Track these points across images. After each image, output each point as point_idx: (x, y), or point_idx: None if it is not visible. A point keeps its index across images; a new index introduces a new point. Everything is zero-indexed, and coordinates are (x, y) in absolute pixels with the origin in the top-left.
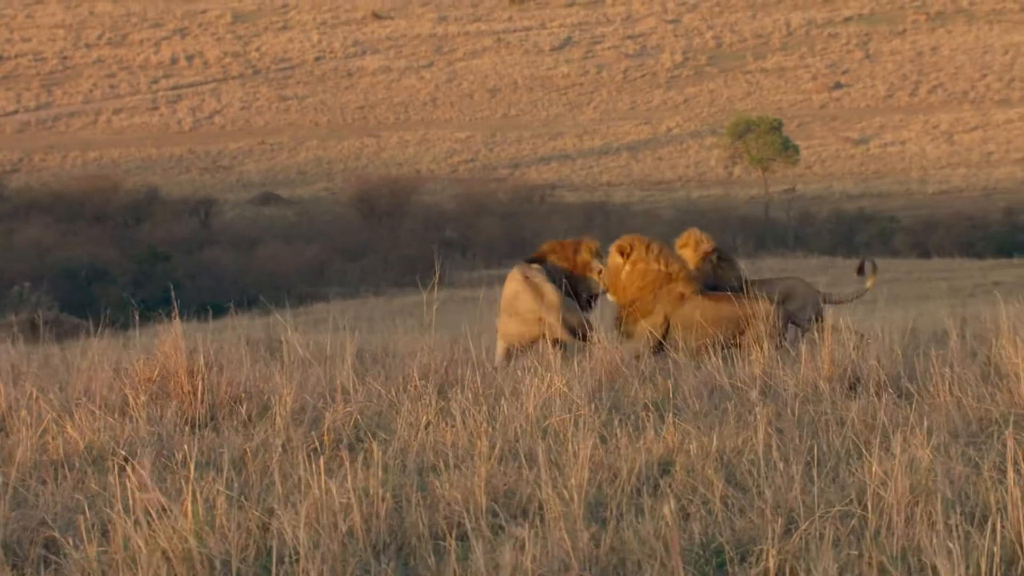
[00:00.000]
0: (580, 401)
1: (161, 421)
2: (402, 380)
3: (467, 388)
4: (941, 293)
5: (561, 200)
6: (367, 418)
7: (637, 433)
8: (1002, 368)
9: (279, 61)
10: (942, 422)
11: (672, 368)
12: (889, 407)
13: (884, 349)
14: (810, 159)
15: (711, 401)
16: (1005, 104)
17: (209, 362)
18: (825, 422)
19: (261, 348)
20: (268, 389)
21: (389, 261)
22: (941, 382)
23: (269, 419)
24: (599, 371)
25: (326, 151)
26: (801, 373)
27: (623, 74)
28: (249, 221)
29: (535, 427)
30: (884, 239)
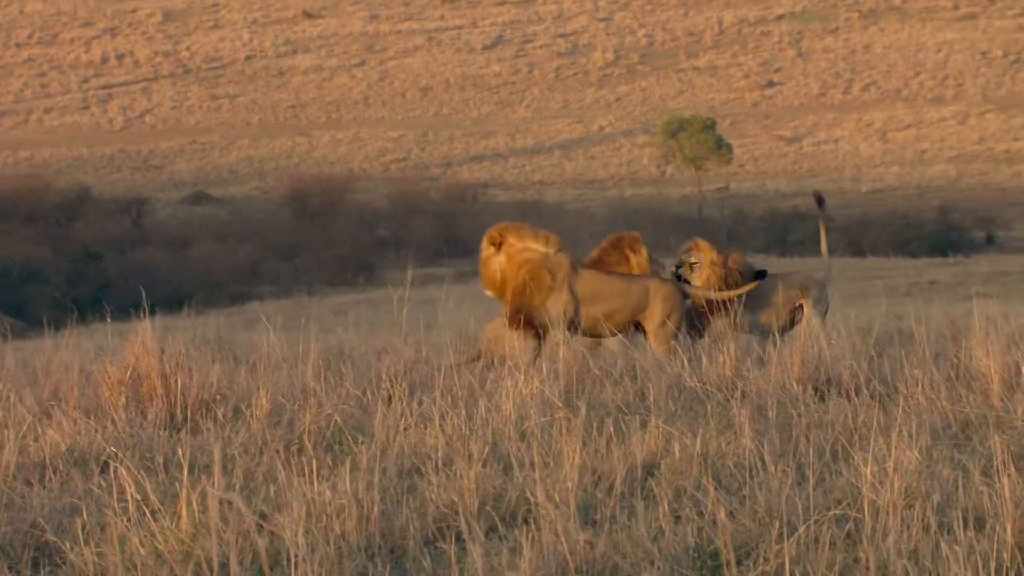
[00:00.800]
0: (557, 403)
1: (141, 424)
2: (374, 381)
3: (439, 389)
4: (877, 292)
5: (494, 199)
6: (342, 420)
7: (619, 435)
8: (972, 370)
9: (210, 60)
10: (923, 424)
11: (638, 369)
12: (865, 409)
13: (850, 350)
14: (743, 157)
15: (684, 403)
16: (938, 102)
17: (181, 364)
18: (805, 424)
19: (214, 349)
20: (241, 391)
21: (322, 260)
22: (913, 384)
23: (244, 421)
24: (569, 373)
25: (258, 150)
26: (772, 375)
27: (555, 72)
28: (181, 220)
29: (514, 429)
30: (817, 238)
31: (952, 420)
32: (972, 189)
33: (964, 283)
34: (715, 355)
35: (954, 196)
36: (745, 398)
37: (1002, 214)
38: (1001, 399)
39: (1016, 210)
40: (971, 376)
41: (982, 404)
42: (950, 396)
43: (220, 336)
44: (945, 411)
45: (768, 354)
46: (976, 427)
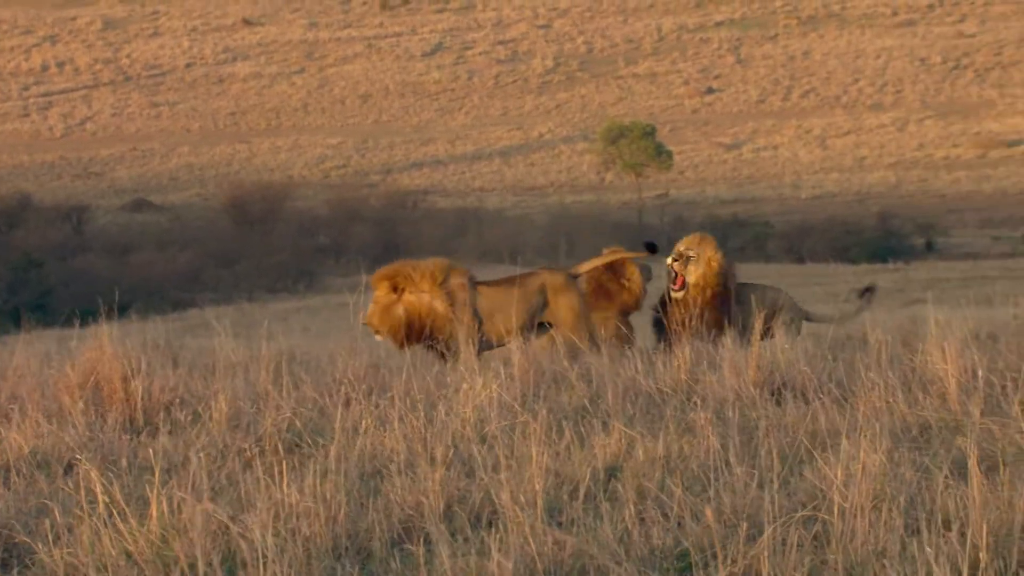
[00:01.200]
0: (517, 406)
1: (102, 428)
2: (333, 384)
3: (396, 393)
4: (817, 298)
5: (434, 206)
6: (301, 423)
7: (579, 438)
8: (928, 374)
9: (150, 68)
10: (883, 428)
11: (592, 373)
12: (824, 412)
13: (803, 354)
14: (683, 164)
15: (642, 406)
16: (877, 108)
17: (139, 369)
18: (765, 427)
19: (164, 354)
20: (198, 395)
21: (262, 267)
22: (870, 388)
23: (204, 425)
24: (524, 376)
25: (198, 157)
26: (727, 379)
27: (494, 80)
28: (122, 227)
29: (474, 432)
30: (758, 244)
31: (911, 424)
32: (911, 195)
33: (904, 289)
34: (668, 359)
35: (893, 202)
36: (703, 401)
37: (941, 220)
38: (958, 403)
39: (955, 216)
40: (927, 380)
41: (940, 408)
42: (907, 400)
43: (169, 341)
44: (903, 415)
45: (721, 358)
46: (936, 431)
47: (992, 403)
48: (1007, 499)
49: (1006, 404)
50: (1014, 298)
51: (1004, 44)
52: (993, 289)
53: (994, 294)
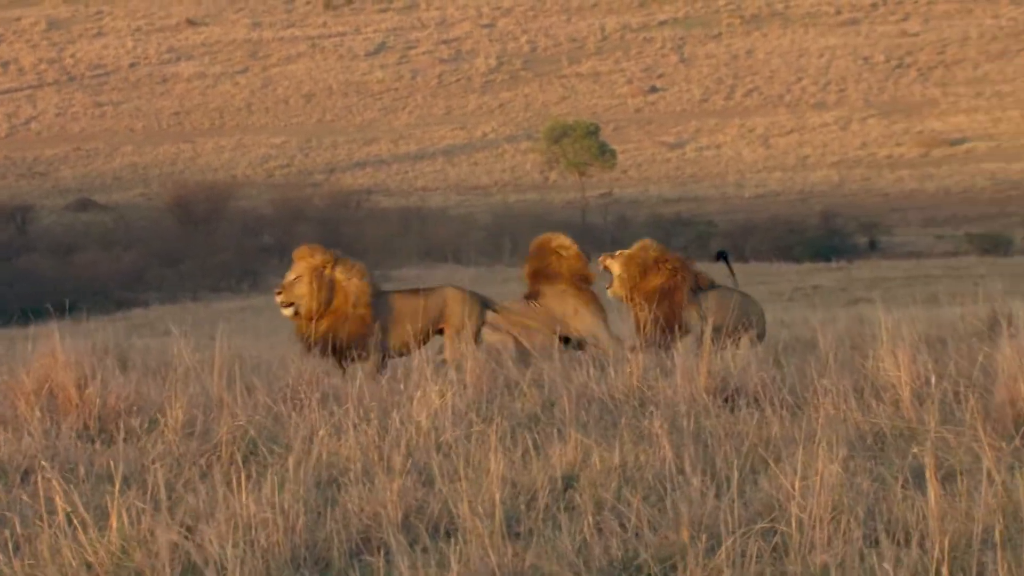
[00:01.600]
0: (471, 413)
1: (58, 435)
2: (286, 390)
3: (350, 399)
4: (760, 297)
5: (377, 205)
6: (256, 431)
7: (536, 447)
8: (879, 381)
9: (94, 67)
10: (837, 436)
11: (545, 379)
12: (778, 420)
13: (754, 358)
14: (626, 163)
15: (595, 413)
16: (820, 107)
17: (93, 374)
18: (719, 435)
19: (114, 358)
20: (152, 401)
21: (206, 267)
22: (823, 395)
23: (159, 432)
24: (478, 383)
25: (142, 157)
26: (679, 385)
27: (438, 79)
28: (66, 227)
29: (428, 441)
30: (701, 243)
31: (866, 432)
32: (854, 194)
33: (847, 288)
34: (619, 365)
35: (837, 201)
36: (657, 408)
37: (884, 219)
38: (912, 410)
39: (898, 215)
40: (879, 387)
41: (894, 415)
42: (861, 407)
43: (118, 343)
44: (858, 422)
45: (673, 364)
46: (891, 439)
47: (946, 410)
48: (964, 510)
49: (960, 411)
50: (960, 297)
51: (947, 43)
52: (937, 288)
53: (938, 293)
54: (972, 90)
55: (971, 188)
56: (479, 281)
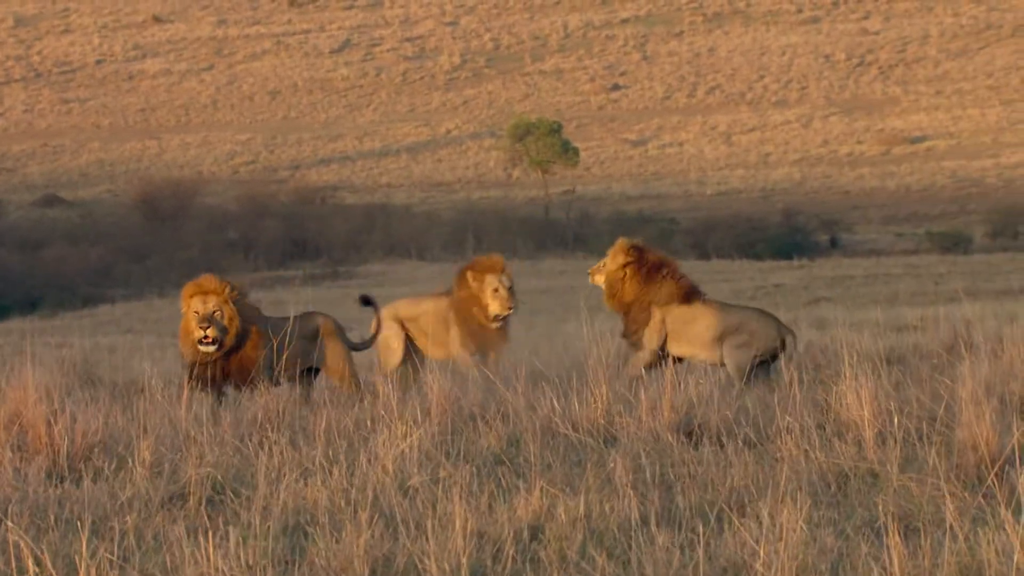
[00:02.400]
0: (438, 456)
1: (26, 477)
2: (253, 426)
3: (319, 443)
4: (723, 296)
5: (342, 201)
6: (223, 472)
7: (500, 493)
8: (843, 416)
9: (61, 64)
10: (800, 481)
11: (509, 410)
12: (741, 463)
13: (716, 387)
14: (589, 160)
15: (559, 451)
16: (782, 105)
17: (62, 408)
18: (684, 479)
19: (82, 377)
20: (121, 435)
21: (173, 262)
22: (786, 433)
23: (127, 471)
24: (443, 415)
25: (108, 153)
26: (643, 420)
27: (402, 76)
28: (33, 223)
29: (395, 485)
30: (664, 240)
31: (829, 475)
32: (816, 192)
33: (809, 287)
34: (584, 395)
35: (798, 199)
36: (619, 446)
37: (845, 216)
38: (875, 451)
39: (859, 213)
40: (843, 424)
41: (856, 456)
42: (824, 447)
43: (86, 359)
44: (820, 463)
45: (637, 396)
46: (854, 483)
47: (909, 450)
48: (928, 569)
49: (923, 451)
50: (920, 297)
51: (908, 41)
52: (898, 287)
53: (899, 292)
54: (932, 88)
55: (931, 186)
56: (442, 276)
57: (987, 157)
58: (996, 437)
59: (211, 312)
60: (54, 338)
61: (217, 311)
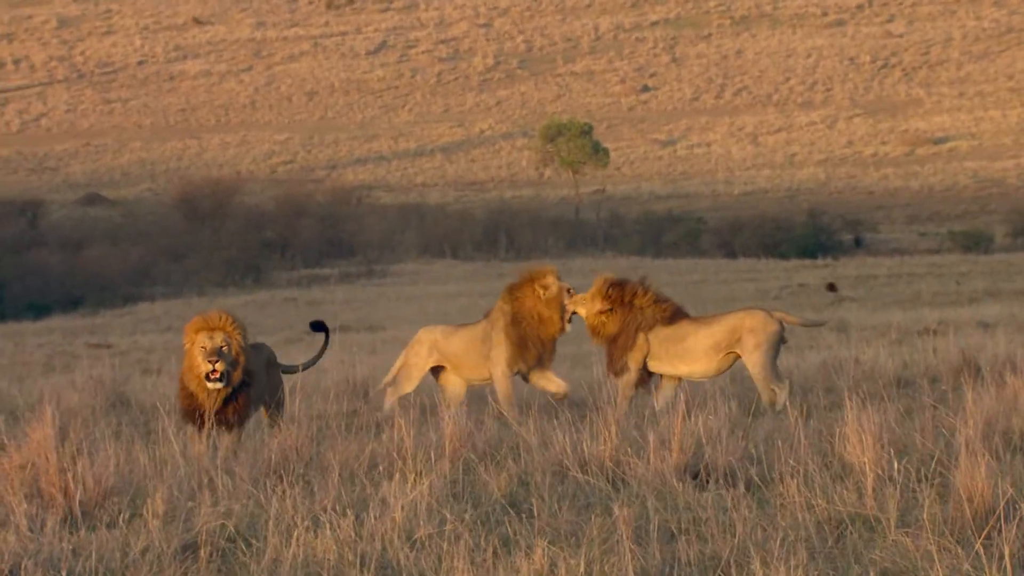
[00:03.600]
0: (447, 499)
1: (42, 527)
2: (268, 467)
3: (331, 483)
4: (748, 295)
5: (377, 201)
6: (236, 519)
7: (505, 548)
8: (847, 459)
9: (103, 65)
10: (799, 533)
11: (523, 451)
12: (743, 513)
13: (726, 423)
14: (619, 160)
15: (567, 495)
16: (808, 106)
17: (80, 449)
18: (684, 532)
19: (111, 399)
20: (137, 483)
21: (211, 262)
22: (790, 477)
23: (142, 519)
24: (455, 452)
25: (149, 153)
26: (651, 462)
27: (436, 77)
28: (75, 222)
29: (403, 539)
30: (691, 239)
31: (829, 523)
32: (840, 192)
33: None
34: (597, 427)
35: (823, 199)
36: (626, 490)
37: (869, 216)
38: (873, 498)
39: (883, 212)
40: (845, 467)
41: (857, 503)
42: (825, 492)
43: (115, 379)
44: (822, 510)
45: (646, 436)
46: (852, 532)
47: (908, 496)
48: None
49: (922, 495)
50: (941, 296)
51: (931, 44)
52: (920, 287)
53: (921, 292)
54: (955, 90)
55: (954, 186)
56: (475, 276)
57: (1008, 158)
58: (990, 489)
59: (219, 347)
60: (95, 337)
61: (225, 346)
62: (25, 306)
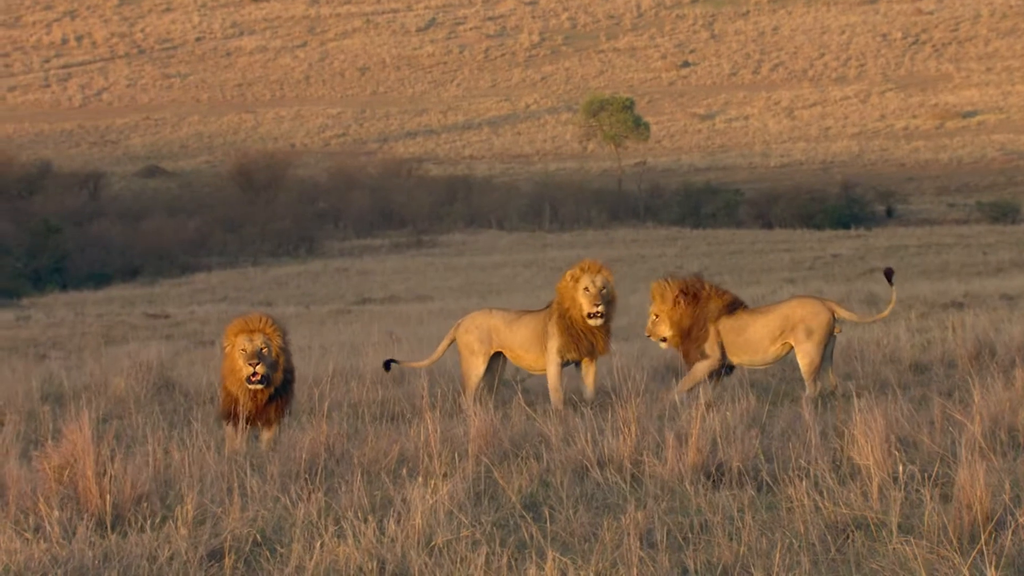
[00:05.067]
0: (467, 504)
1: (75, 532)
2: (299, 467)
3: (355, 490)
4: (783, 265)
5: (427, 173)
6: (262, 525)
7: (521, 555)
8: (855, 461)
9: (163, 41)
10: (805, 536)
11: (543, 447)
12: (750, 512)
13: (743, 420)
14: (659, 134)
15: (584, 497)
16: (842, 81)
17: (115, 450)
18: (692, 541)
19: (157, 383)
20: (173, 480)
21: (266, 233)
22: (799, 479)
23: (172, 524)
24: (479, 452)
25: (207, 126)
26: (668, 460)
27: (484, 53)
28: (135, 193)
29: (423, 546)
30: (729, 210)
31: (834, 527)
32: (873, 164)
33: (865, 257)
34: (617, 427)
35: (856, 171)
36: (640, 490)
37: (900, 188)
38: (878, 501)
39: (913, 184)
40: (854, 467)
41: (863, 506)
42: (832, 494)
43: (162, 363)
44: (828, 513)
45: (666, 434)
46: (853, 539)
47: (912, 496)
48: None
49: (926, 496)
50: (968, 268)
51: (960, 20)
52: (948, 257)
53: (949, 262)
54: (983, 65)
55: (982, 158)
56: (520, 246)
57: None
58: (988, 497)
59: (259, 349)
60: (152, 306)
61: (265, 348)
62: (86, 276)
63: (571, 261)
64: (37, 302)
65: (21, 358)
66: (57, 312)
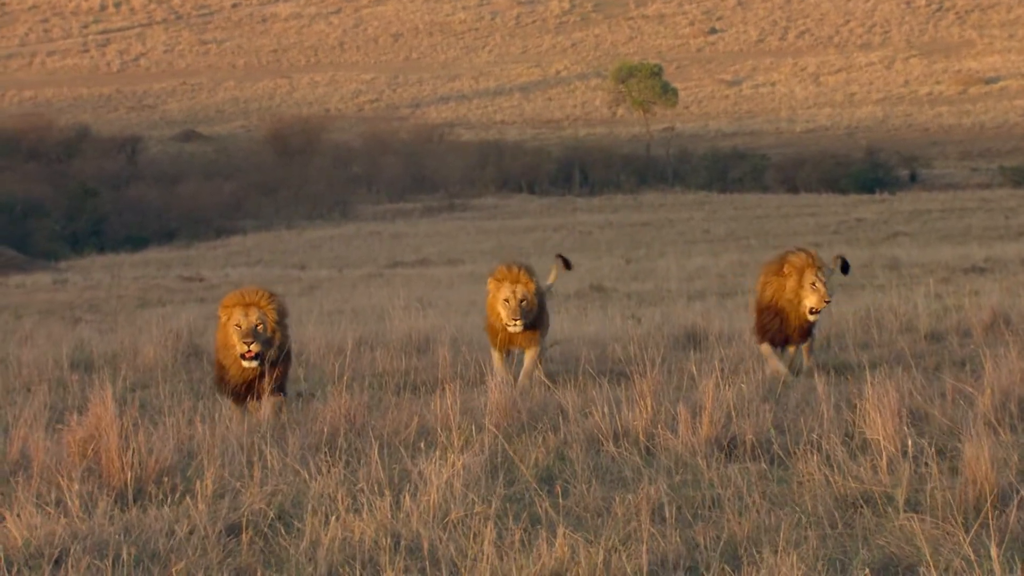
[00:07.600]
0: (482, 477)
1: (95, 506)
2: (319, 442)
3: (372, 458)
4: (808, 229)
5: (458, 138)
6: (279, 499)
7: (534, 530)
8: (866, 434)
9: (199, 8)
10: (814, 512)
11: (560, 419)
12: (761, 485)
13: (758, 391)
14: (687, 100)
15: (599, 470)
16: (867, 48)
17: (137, 423)
18: (706, 508)
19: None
20: (192, 452)
21: (300, 196)
22: (811, 453)
23: (192, 498)
24: (498, 423)
25: (242, 91)
26: (682, 434)
27: (515, 20)
28: (172, 157)
29: (437, 521)
30: (756, 175)
31: (843, 502)
32: (897, 129)
33: (888, 221)
34: (633, 399)
35: (880, 136)
36: (653, 465)
37: (924, 153)
38: (888, 472)
39: (937, 149)
40: (865, 441)
41: (872, 480)
42: (842, 468)
43: (191, 330)
44: (837, 487)
45: (680, 408)
46: (861, 514)
47: (921, 471)
48: None
49: (930, 479)
50: (991, 231)
51: None
52: (971, 221)
53: (971, 226)
54: (1006, 32)
55: (1004, 124)
56: (550, 210)
57: None
58: (994, 473)
59: (254, 325)
60: (188, 269)
61: (260, 324)
62: (123, 239)
63: (600, 225)
64: (75, 265)
65: (57, 321)
66: (94, 275)
